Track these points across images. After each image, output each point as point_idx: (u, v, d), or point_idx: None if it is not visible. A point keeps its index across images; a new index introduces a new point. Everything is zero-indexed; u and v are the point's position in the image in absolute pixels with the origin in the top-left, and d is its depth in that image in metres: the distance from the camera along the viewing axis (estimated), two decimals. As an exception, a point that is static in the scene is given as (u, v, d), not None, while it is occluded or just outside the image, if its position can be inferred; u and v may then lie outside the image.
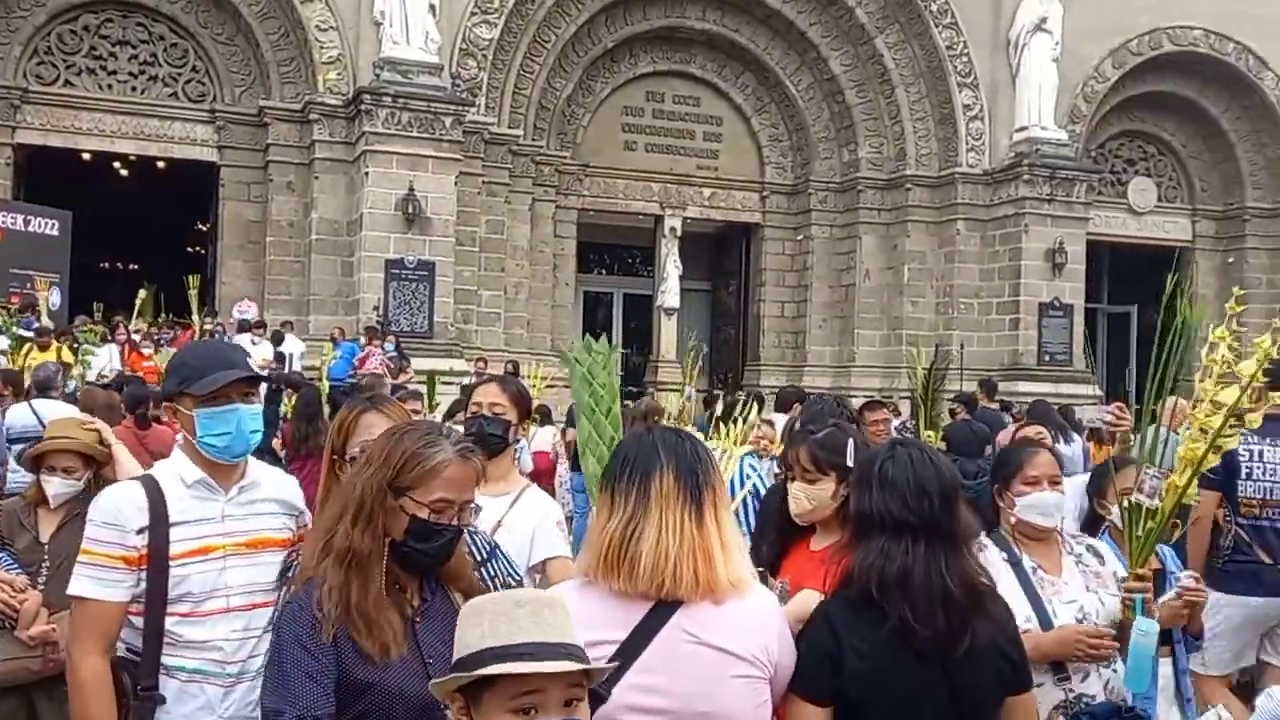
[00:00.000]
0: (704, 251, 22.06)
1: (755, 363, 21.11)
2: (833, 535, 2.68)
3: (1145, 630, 2.76)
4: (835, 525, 2.68)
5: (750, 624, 2.06)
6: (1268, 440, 4.75)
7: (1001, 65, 19.40)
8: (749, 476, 6.19)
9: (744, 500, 5.93)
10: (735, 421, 5.72)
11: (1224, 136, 21.97)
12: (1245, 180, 22.11)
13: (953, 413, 11.44)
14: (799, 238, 21.03)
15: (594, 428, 3.31)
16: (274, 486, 2.63)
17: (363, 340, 14.86)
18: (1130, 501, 2.95)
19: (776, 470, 6.49)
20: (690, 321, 19.88)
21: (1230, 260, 22.29)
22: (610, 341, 3.95)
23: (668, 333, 19.58)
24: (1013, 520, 3.07)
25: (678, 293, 19.60)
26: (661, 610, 2.01)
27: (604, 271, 23.08)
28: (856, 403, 7.32)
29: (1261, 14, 20.60)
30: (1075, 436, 9.88)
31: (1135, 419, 4.45)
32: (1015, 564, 3.00)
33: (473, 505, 2.20)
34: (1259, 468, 4.83)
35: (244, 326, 15.44)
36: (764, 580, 2.51)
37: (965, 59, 19.35)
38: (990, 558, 2.92)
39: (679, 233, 20.25)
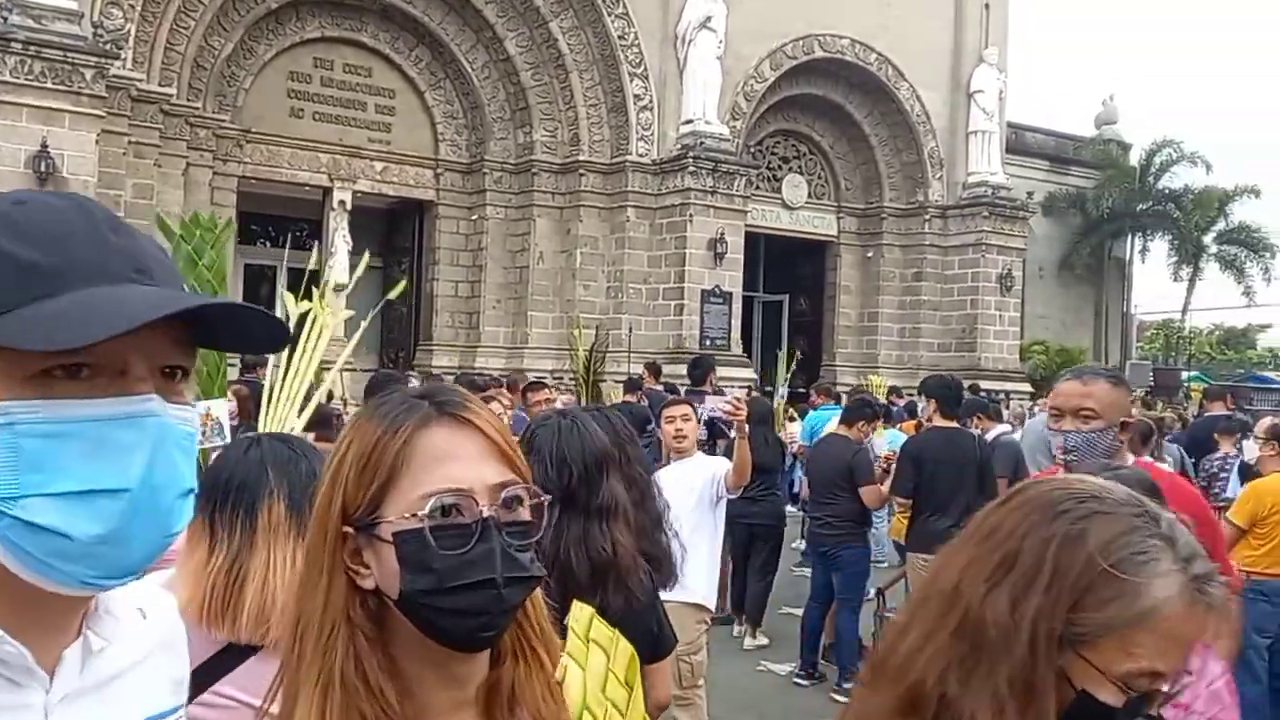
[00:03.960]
0: (376, 227, 21.46)
1: (428, 342, 20.81)
2: None
3: None
4: None
5: None
6: None
7: (670, 59, 20.10)
8: None
9: None
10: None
11: (866, 140, 23.85)
12: (884, 182, 24.11)
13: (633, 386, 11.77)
14: (474, 217, 20.90)
15: None
16: (148, 634, 1.13)
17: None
18: None
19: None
20: (360, 298, 19.26)
21: (869, 255, 24.25)
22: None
23: (337, 310, 18.87)
24: None
25: (347, 268, 18.94)
26: (233, 654, 1.75)
27: (267, 243, 21.95)
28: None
29: (900, 29, 22.51)
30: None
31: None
32: None
33: None
34: None
35: None
36: None
37: (636, 50, 19.90)
38: None
39: (349, 206, 19.59)
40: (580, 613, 1.59)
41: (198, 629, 1.69)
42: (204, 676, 1.69)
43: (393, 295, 7.19)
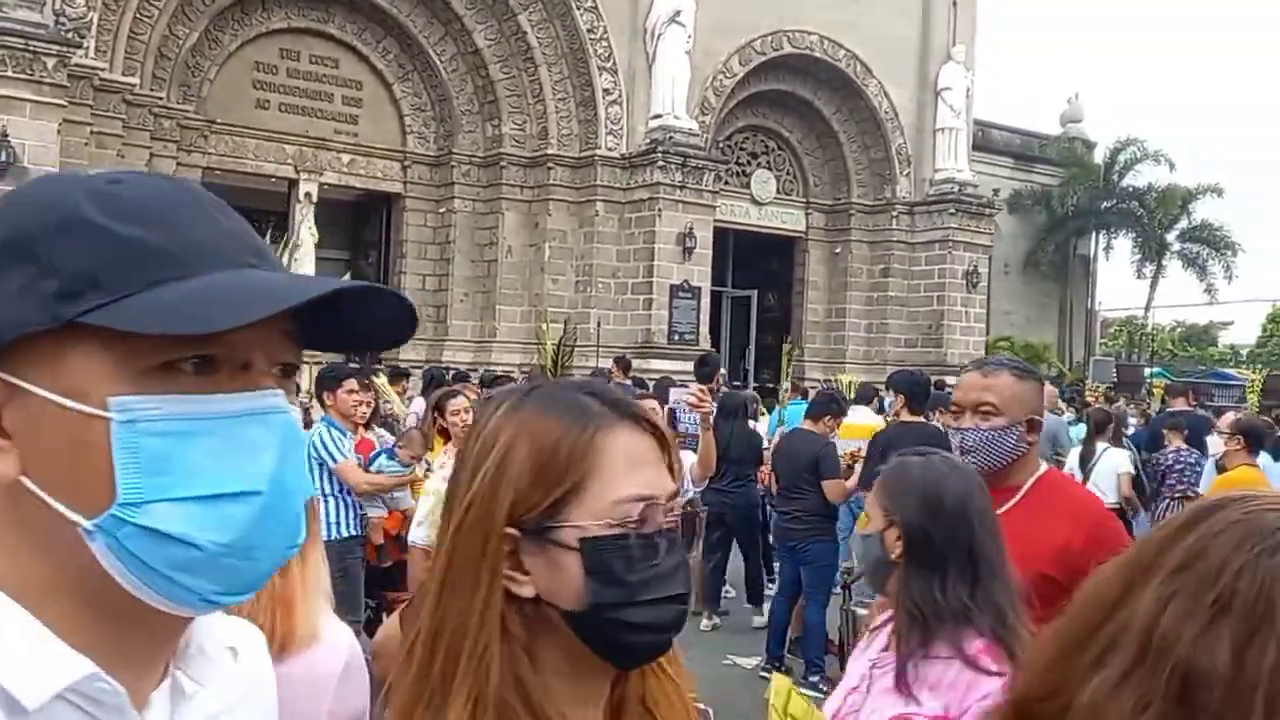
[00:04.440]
0: (343, 219, 21.32)
1: (394, 336, 20.67)
2: None
3: None
4: None
5: (300, 683, 1.73)
6: None
7: (639, 53, 20.07)
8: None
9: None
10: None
11: (835, 136, 23.93)
12: (851, 178, 24.20)
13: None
14: (441, 210, 20.80)
15: None
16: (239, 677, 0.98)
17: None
18: None
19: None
20: (326, 292, 19.13)
21: (837, 251, 24.35)
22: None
23: (301, 303, 18.75)
24: None
25: (313, 261, 18.82)
26: None
27: (233, 236, 21.73)
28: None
29: (868, 26, 22.60)
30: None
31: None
32: None
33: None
34: None
35: None
36: None
37: (605, 44, 19.85)
38: None
39: (315, 198, 19.44)
40: (780, 685, 1.57)
41: None
42: None
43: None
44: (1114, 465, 8.89)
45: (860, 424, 8.64)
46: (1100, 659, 0.89)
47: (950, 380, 19.55)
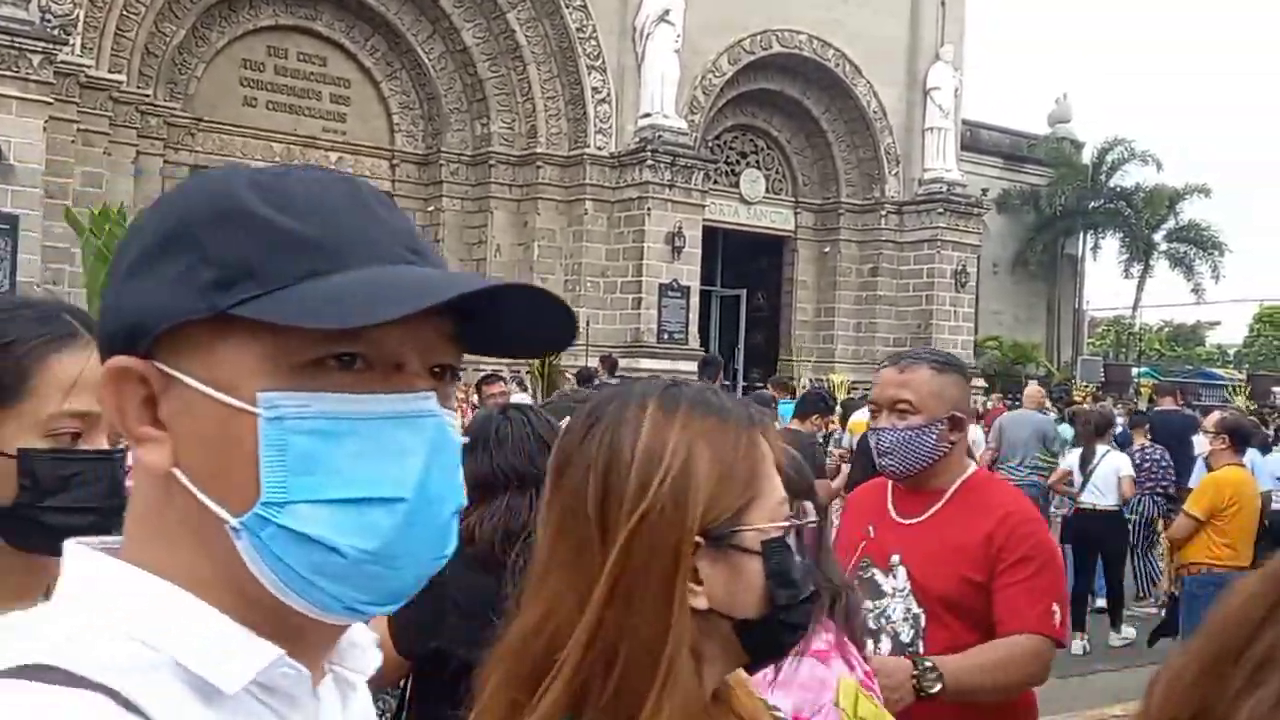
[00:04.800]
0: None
1: (382, 335, 20.65)
2: None
3: None
4: None
5: None
6: None
7: (628, 52, 20.06)
8: None
9: None
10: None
11: (824, 136, 23.95)
12: (840, 177, 24.22)
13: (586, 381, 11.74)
14: (430, 209, 20.75)
15: None
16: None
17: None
18: None
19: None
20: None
21: (826, 250, 24.37)
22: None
23: (289, 302, 18.73)
24: None
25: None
26: None
27: (220, 235, 21.71)
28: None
29: (857, 25, 22.62)
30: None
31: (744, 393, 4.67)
32: None
33: None
34: None
35: None
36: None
37: (594, 43, 19.83)
38: None
39: (303, 197, 19.38)
40: (847, 687, 1.55)
41: None
42: None
43: None
44: (1114, 468, 8.95)
45: (866, 421, 8.60)
46: (1255, 677, 0.83)
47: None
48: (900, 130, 23.62)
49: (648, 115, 19.87)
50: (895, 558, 2.59)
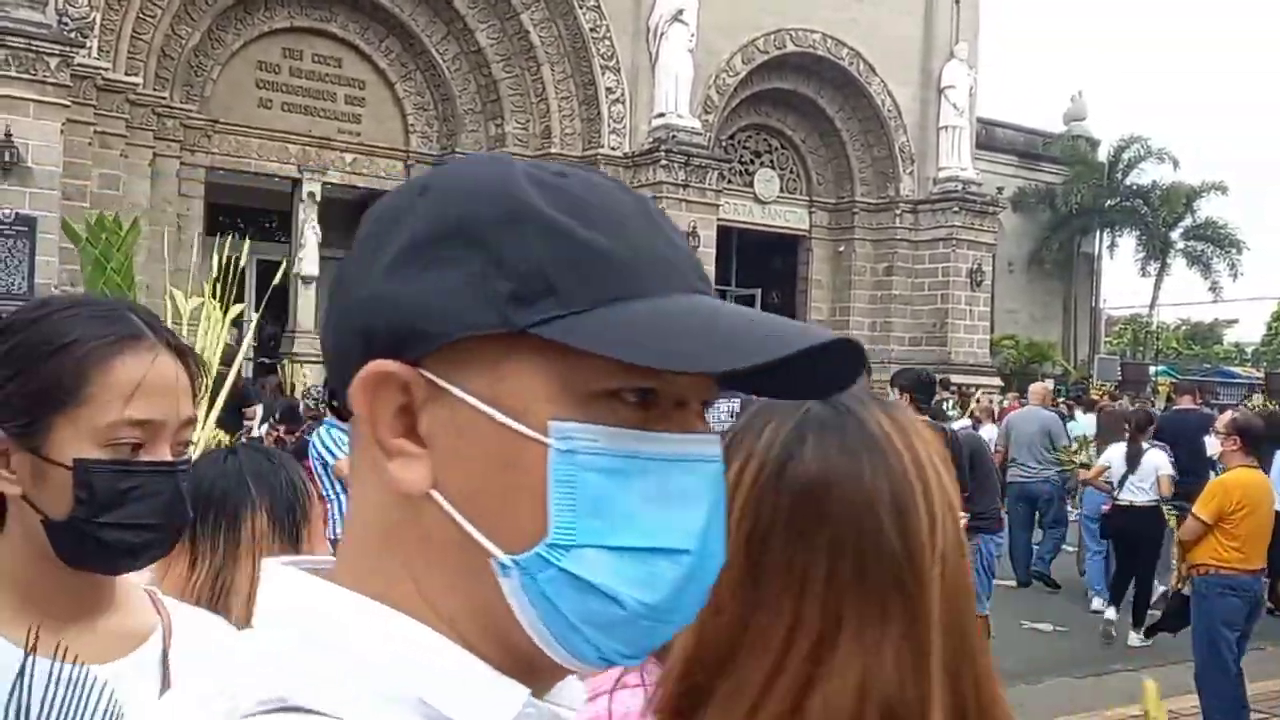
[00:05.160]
0: (346, 218, 21.30)
1: (397, 336, 20.71)
2: None
3: None
4: None
5: None
6: None
7: (642, 52, 20.07)
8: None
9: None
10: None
11: (838, 135, 23.91)
12: (855, 176, 24.18)
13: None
14: (444, 210, 20.79)
15: None
16: None
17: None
18: None
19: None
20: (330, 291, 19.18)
21: (841, 249, 24.33)
22: (241, 299, 3.66)
23: (306, 302, 18.78)
24: None
25: (317, 260, 18.84)
26: None
27: (236, 235, 21.70)
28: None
29: (871, 24, 22.58)
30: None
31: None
32: None
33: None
34: None
35: None
36: None
37: (608, 43, 19.85)
38: None
39: (319, 198, 19.46)
40: (1151, 689, 1.51)
41: None
42: None
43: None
44: (1154, 465, 8.99)
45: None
46: None
47: (955, 379, 19.55)
48: (915, 129, 23.56)
49: (662, 115, 19.88)
50: None
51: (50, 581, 1.22)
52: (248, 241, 5.33)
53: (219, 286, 3.17)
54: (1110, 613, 8.99)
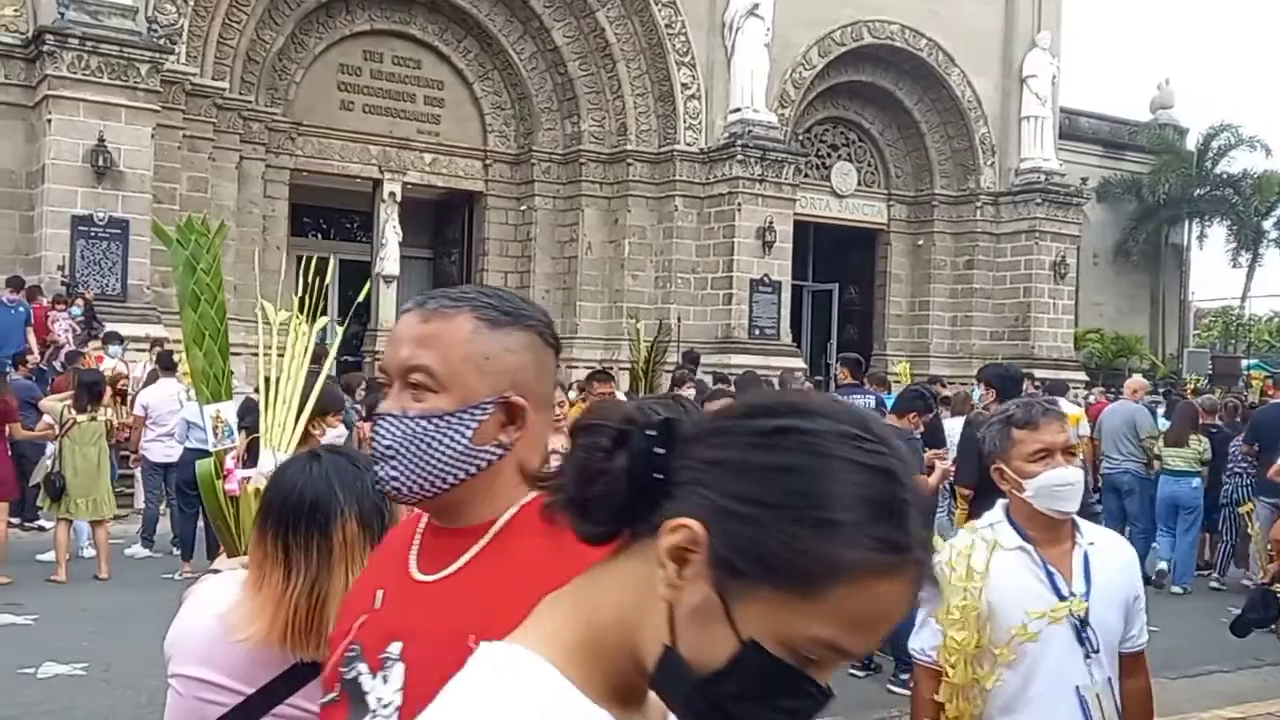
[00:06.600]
0: (425, 218, 21.59)
1: (476, 333, 20.90)
2: None
3: None
4: None
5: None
6: None
7: (717, 47, 20.00)
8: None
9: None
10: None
11: (916, 127, 23.59)
12: (934, 169, 23.85)
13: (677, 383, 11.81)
14: (522, 208, 20.95)
15: (200, 319, 3.01)
16: None
17: (46, 301, 13.79)
18: None
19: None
20: (410, 290, 19.44)
21: (920, 243, 24.01)
22: (325, 310, 3.71)
23: (387, 301, 19.06)
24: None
25: (397, 260, 19.13)
26: (302, 669, 1.75)
27: (319, 235, 22.17)
28: (580, 374, 7.36)
29: (950, 14, 22.23)
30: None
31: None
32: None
33: None
34: None
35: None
36: None
37: (683, 38, 19.82)
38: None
39: (399, 198, 19.73)
40: None
41: (280, 651, 1.73)
42: (278, 692, 1.74)
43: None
44: None
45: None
46: None
47: (1039, 373, 19.17)
48: (996, 120, 23.16)
49: (737, 110, 19.79)
50: (395, 646, 1.31)
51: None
52: (333, 260, 5.38)
53: (305, 301, 3.22)
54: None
